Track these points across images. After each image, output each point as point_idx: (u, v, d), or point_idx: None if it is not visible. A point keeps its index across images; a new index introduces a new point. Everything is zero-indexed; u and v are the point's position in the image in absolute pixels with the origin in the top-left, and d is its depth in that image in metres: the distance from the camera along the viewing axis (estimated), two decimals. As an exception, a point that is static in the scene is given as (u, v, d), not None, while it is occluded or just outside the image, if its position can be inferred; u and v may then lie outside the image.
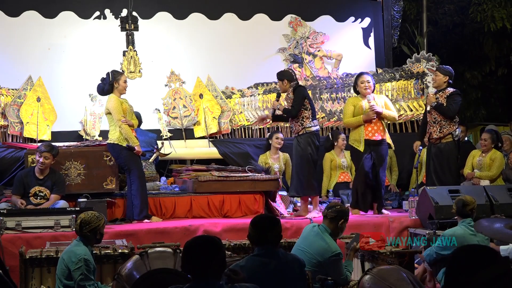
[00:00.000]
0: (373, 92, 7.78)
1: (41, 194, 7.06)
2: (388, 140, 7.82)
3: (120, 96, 7.24)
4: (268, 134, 9.16)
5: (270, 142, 8.85)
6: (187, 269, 3.01)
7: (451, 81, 7.53)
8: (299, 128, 7.51)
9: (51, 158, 7.07)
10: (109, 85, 7.18)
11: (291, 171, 8.62)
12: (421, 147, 8.56)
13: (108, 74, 7.22)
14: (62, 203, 6.97)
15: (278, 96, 7.78)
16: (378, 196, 7.74)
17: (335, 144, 9.03)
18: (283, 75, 7.69)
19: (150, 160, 8.33)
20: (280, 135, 8.85)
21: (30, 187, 7.05)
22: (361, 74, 7.90)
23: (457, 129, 7.50)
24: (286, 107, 7.63)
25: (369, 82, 7.67)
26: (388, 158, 8.88)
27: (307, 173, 7.52)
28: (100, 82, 7.29)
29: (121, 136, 7.12)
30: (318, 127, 7.68)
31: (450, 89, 7.51)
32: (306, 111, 7.50)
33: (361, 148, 7.65)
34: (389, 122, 8.10)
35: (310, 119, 7.53)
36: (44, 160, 7.02)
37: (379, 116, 7.61)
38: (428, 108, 7.52)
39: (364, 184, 7.68)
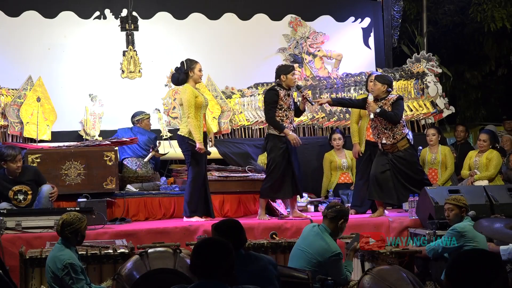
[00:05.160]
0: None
1: (22, 191, 6.84)
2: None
3: (195, 85, 7.21)
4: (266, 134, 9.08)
5: None
6: (195, 268, 3.01)
7: (390, 89, 7.37)
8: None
9: (21, 157, 6.92)
10: (184, 74, 7.16)
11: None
12: (420, 147, 8.55)
13: (182, 63, 7.21)
14: (47, 189, 6.81)
15: (298, 87, 7.58)
16: None
17: (331, 143, 8.98)
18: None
19: (145, 160, 8.30)
20: None
21: (8, 189, 6.80)
22: (371, 74, 7.89)
23: (409, 132, 7.45)
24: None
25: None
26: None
27: None
28: (174, 72, 7.32)
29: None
30: None
31: (393, 96, 7.39)
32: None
33: (362, 148, 7.76)
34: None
35: None
36: (20, 163, 6.83)
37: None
38: (372, 116, 7.31)
39: (360, 183, 7.77)
